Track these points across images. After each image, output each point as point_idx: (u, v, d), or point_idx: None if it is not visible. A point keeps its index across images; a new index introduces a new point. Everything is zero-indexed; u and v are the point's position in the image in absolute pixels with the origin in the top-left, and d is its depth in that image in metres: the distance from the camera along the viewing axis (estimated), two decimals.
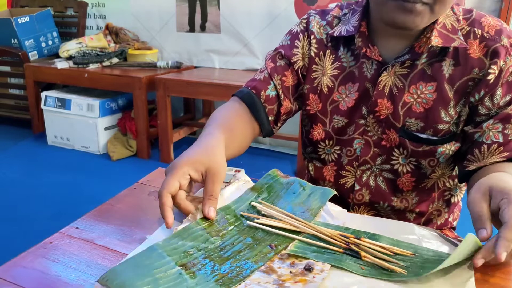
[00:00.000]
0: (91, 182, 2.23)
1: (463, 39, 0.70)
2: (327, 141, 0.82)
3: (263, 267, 0.51)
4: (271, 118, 0.83)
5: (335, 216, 0.65)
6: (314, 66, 0.81)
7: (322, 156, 0.85)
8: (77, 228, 0.61)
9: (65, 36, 3.03)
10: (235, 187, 0.69)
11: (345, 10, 0.81)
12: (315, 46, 0.81)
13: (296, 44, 0.82)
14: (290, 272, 0.51)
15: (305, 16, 0.84)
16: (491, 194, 0.57)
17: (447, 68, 0.71)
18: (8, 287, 0.48)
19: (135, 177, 0.78)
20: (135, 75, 2.44)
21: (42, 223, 1.79)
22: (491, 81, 0.69)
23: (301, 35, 0.82)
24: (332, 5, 0.86)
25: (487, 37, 0.70)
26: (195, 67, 2.81)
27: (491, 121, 0.71)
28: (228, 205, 0.63)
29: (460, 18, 0.72)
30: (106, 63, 2.66)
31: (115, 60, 2.68)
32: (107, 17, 2.97)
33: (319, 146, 0.84)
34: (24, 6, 3.13)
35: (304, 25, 0.83)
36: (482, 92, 0.70)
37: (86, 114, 2.56)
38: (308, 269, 0.51)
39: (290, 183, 0.71)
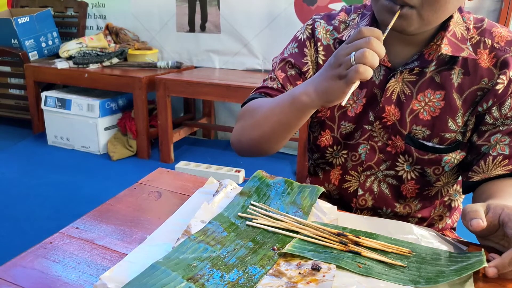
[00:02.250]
0: (91, 182, 2.23)
1: (472, 49, 0.69)
2: (335, 147, 0.82)
3: (271, 271, 0.51)
4: None
5: (327, 212, 0.65)
6: None
7: (330, 160, 0.84)
8: (77, 228, 0.61)
9: (65, 36, 3.03)
10: (224, 195, 0.69)
11: (353, 15, 0.79)
12: (323, 53, 0.79)
13: (305, 52, 0.80)
14: (299, 273, 0.51)
15: (310, 22, 0.82)
16: (489, 207, 0.57)
17: (456, 77, 0.70)
18: (7, 287, 0.48)
19: (135, 177, 0.78)
20: (135, 75, 2.44)
21: (42, 223, 1.79)
22: (500, 91, 0.68)
23: (307, 42, 0.80)
24: (332, 7, 0.84)
25: (497, 47, 0.69)
26: (195, 67, 2.81)
27: (499, 135, 0.70)
28: (220, 213, 0.63)
29: (471, 26, 0.71)
30: (106, 63, 2.66)
31: (115, 60, 2.68)
32: (107, 17, 2.97)
33: (327, 151, 0.83)
34: (24, 6, 3.13)
35: (310, 31, 0.80)
36: (490, 102, 0.69)
37: (86, 114, 2.56)
38: (316, 268, 0.51)
39: (277, 183, 0.71)
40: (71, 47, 2.64)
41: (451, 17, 0.69)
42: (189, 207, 0.66)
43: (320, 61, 0.79)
